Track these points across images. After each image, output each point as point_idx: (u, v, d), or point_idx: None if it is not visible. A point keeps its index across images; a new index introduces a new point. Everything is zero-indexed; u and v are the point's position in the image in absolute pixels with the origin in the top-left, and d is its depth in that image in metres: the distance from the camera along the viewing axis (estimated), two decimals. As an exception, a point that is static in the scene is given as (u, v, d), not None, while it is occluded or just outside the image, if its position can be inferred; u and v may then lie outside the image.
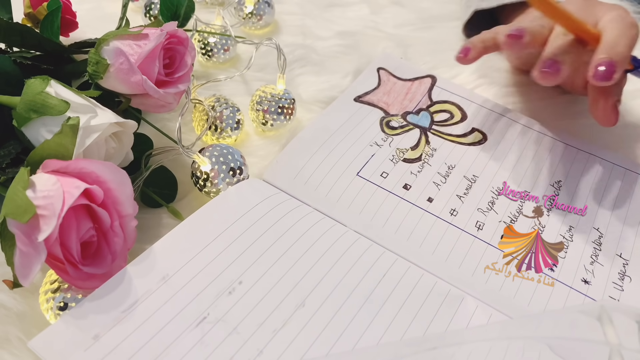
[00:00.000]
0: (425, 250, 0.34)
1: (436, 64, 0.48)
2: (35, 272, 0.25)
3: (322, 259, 0.31)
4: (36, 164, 0.28)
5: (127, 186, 0.29)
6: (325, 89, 0.45)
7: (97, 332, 0.26)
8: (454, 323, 0.30)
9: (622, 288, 0.34)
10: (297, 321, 0.29)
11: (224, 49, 0.45)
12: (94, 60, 0.33)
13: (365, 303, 0.30)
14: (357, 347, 0.28)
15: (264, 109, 0.39)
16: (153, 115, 0.40)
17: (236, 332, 0.28)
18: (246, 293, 0.29)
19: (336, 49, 0.48)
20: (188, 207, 0.35)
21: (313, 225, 0.33)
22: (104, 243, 0.28)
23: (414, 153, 0.40)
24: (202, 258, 0.30)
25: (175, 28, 0.34)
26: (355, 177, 0.38)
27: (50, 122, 0.29)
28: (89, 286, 0.28)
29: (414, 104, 0.44)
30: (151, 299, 0.28)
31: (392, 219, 0.36)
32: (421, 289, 0.31)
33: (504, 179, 0.39)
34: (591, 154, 0.41)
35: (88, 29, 0.43)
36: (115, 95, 0.34)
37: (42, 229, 0.25)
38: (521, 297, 0.33)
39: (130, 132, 0.33)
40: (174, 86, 0.34)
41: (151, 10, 0.47)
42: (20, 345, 0.28)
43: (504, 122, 0.43)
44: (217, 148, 0.35)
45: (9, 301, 0.30)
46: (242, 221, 0.32)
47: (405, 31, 0.52)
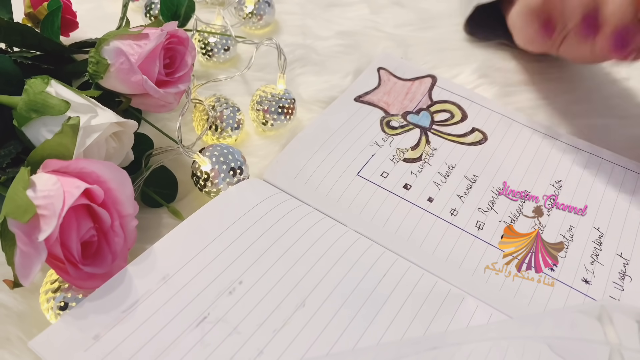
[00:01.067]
0: (425, 250, 0.34)
1: (436, 63, 0.48)
2: (36, 272, 0.25)
3: (322, 259, 0.31)
4: (36, 163, 0.28)
5: (127, 186, 0.29)
6: (326, 89, 0.45)
7: (97, 332, 0.26)
8: (454, 323, 0.30)
9: (622, 288, 0.34)
10: (298, 321, 0.29)
11: (224, 48, 0.45)
12: (94, 60, 0.33)
13: (366, 303, 0.30)
14: (357, 347, 0.28)
15: (264, 108, 0.39)
16: (153, 115, 0.40)
17: (236, 332, 0.28)
18: (246, 293, 0.29)
19: (336, 49, 0.48)
20: (188, 207, 0.35)
21: (313, 225, 0.33)
22: (104, 243, 0.28)
23: (414, 153, 0.40)
24: (203, 258, 0.30)
25: (176, 28, 0.34)
26: (356, 177, 0.38)
27: (50, 122, 0.29)
28: (89, 286, 0.28)
29: (414, 104, 0.44)
30: (151, 299, 0.28)
31: (392, 219, 0.36)
32: (421, 289, 0.31)
33: (504, 178, 0.39)
34: (591, 154, 0.41)
35: (88, 29, 0.43)
36: (116, 95, 0.34)
37: (42, 228, 0.25)
38: (521, 297, 0.33)
39: (131, 132, 0.33)
40: (174, 86, 0.34)
41: (151, 10, 0.47)
42: (20, 345, 0.28)
43: (504, 122, 0.43)
44: (217, 148, 0.35)
45: (9, 301, 0.30)
46: (243, 221, 0.32)
47: (405, 31, 0.52)
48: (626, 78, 0.48)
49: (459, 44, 0.51)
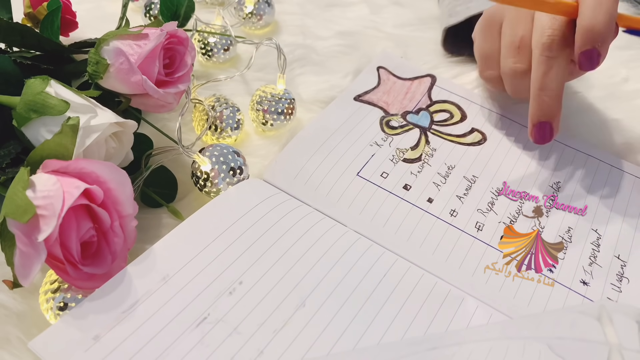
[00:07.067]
0: (425, 251, 0.34)
1: (436, 63, 0.48)
2: (35, 272, 0.25)
3: (322, 259, 0.31)
4: (36, 164, 0.28)
5: (127, 186, 0.29)
6: (325, 88, 0.45)
7: (97, 332, 0.26)
8: (454, 323, 0.30)
9: (620, 289, 0.34)
10: (298, 321, 0.29)
11: (224, 49, 0.45)
12: (94, 60, 0.33)
13: (366, 303, 0.30)
14: (357, 347, 0.28)
15: (264, 108, 0.39)
16: (153, 115, 0.40)
17: (237, 333, 0.28)
18: (247, 293, 0.29)
19: (336, 49, 0.48)
20: (188, 207, 0.35)
21: (313, 225, 0.33)
22: (104, 243, 0.28)
23: (414, 153, 0.40)
24: (203, 258, 0.30)
25: (175, 28, 0.34)
26: (356, 177, 0.38)
27: (50, 122, 0.29)
28: (89, 286, 0.28)
29: (413, 104, 0.44)
30: (151, 300, 0.28)
31: (392, 219, 0.36)
32: (421, 289, 0.31)
33: (504, 178, 0.39)
34: (590, 155, 0.41)
35: (88, 29, 0.43)
36: (115, 95, 0.34)
37: (42, 229, 0.25)
38: (521, 297, 0.33)
39: (130, 132, 0.33)
40: (174, 86, 0.34)
41: (151, 10, 0.47)
42: (20, 345, 0.28)
43: (503, 122, 0.43)
44: (217, 148, 0.35)
45: (9, 301, 0.30)
46: (243, 221, 0.32)
47: (405, 31, 0.52)
48: (625, 79, 0.48)
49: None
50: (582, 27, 0.33)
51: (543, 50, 0.34)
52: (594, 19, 0.32)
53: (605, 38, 0.33)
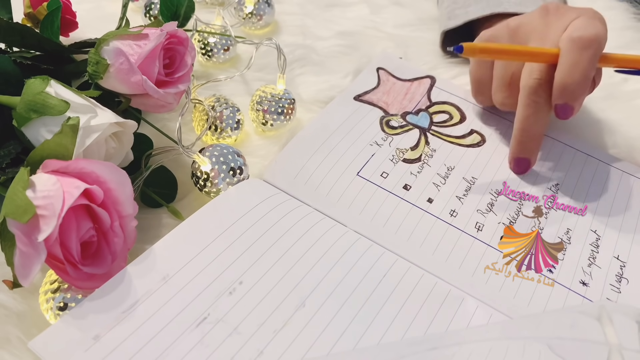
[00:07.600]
0: (425, 251, 0.34)
1: (436, 64, 0.48)
2: (35, 272, 0.25)
3: (322, 259, 0.31)
4: (36, 164, 0.28)
5: (127, 186, 0.29)
6: (325, 89, 0.45)
7: (97, 332, 0.26)
8: (454, 323, 0.30)
9: (619, 290, 0.34)
10: (298, 321, 0.29)
11: (224, 49, 0.45)
12: (94, 60, 0.33)
13: (366, 303, 0.30)
14: (357, 347, 0.28)
15: (264, 109, 0.39)
16: (153, 115, 0.40)
17: (237, 333, 0.28)
18: (247, 293, 0.29)
19: (336, 49, 0.48)
20: (188, 207, 0.35)
21: (313, 225, 0.33)
22: (104, 243, 0.28)
23: (414, 153, 0.40)
24: (203, 258, 0.30)
25: (175, 28, 0.34)
26: (356, 177, 0.38)
27: (50, 122, 0.29)
28: (89, 286, 0.28)
29: (413, 105, 0.44)
30: (151, 300, 0.28)
31: (392, 220, 0.36)
32: (421, 289, 0.31)
33: (504, 179, 0.39)
34: (589, 155, 0.41)
35: (88, 29, 0.43)
36: (115, 95, 0.34)
37: (42, 229, 0.25)
38: (521, 297, 0.33)
39: (130, 132, 0.33)
40: (174, 86, 0.34)
41: (151, 10, 0.47)
42: (20, 345, 0.28)
43: (502, 124, 0.43)
44: (217, 148, 0.35)
45: (9, 301, 0.30)
46: (243, 221, 0.32)
47: (405, 31, 0.52)
48: (625, 79, 0.48)
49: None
50: (558, 83, 0.35)
51: (529, 94, 0.36)
52: (569, 77, 0.34)
53: (578, 96, 0.35)
